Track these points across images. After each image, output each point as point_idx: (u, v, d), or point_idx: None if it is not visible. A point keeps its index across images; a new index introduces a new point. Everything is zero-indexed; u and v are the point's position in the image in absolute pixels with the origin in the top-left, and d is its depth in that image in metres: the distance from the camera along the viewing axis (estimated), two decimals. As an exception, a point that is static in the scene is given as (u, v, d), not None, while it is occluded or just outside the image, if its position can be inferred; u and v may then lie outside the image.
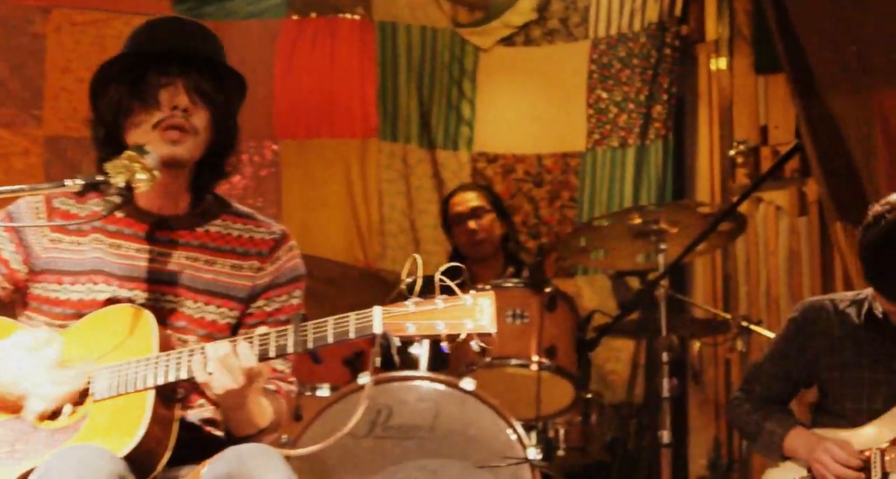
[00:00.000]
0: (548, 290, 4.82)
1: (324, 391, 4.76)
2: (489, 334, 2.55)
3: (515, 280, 5.01)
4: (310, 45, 6.58)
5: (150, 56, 2.84)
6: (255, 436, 2.83)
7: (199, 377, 2.64)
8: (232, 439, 2.83)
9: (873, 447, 3.67)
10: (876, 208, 3.56)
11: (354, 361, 5.17)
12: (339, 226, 6.56)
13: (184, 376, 2.67)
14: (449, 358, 4.93)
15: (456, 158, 6.70)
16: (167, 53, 2.84)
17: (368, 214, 6.60)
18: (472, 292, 2.57)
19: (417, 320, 2.55)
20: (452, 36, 6.74)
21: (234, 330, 2.93)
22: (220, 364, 2.62)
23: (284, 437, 4.20)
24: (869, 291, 3.79)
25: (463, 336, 2.55)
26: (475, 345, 2.55)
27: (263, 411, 2.82)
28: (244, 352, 2.62)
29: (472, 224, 5.62)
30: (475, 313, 2.55)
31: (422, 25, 6.72)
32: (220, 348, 2.64)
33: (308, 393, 4.73)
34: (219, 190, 3.08)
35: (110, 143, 2.86)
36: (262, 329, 2.70)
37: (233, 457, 2.61)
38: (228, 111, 2.93)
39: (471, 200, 5.70)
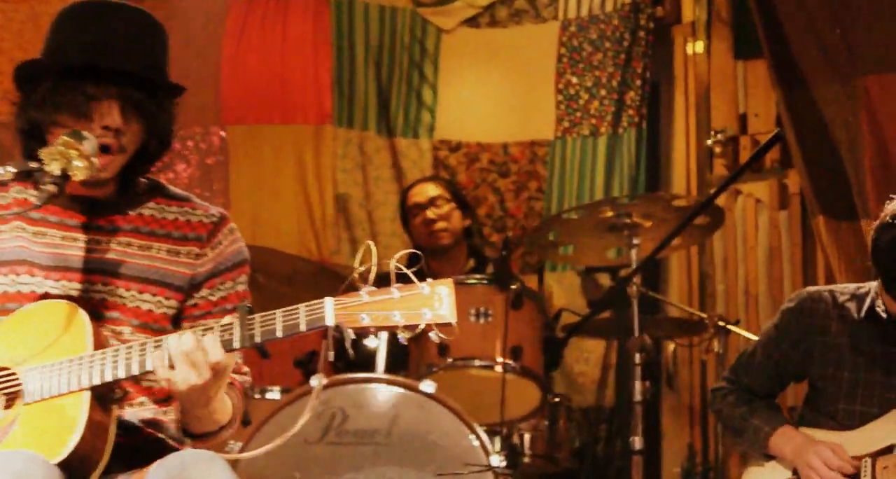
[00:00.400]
0: (513, 287, 4.82)
1: (274, 394, 4.75)
2: (449, 325, 2.54)
3: (479, 276, 5.01)
4: (260, 24, 6.55)
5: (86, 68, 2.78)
6: (216, 433, 2.83)
7: (161, 373, 2.61)
8: (190, 437, 2.82)
9: (864, 454, 3.68)
10: (893, 211, 3.55)
11: (307, 362, 5.16)
12: (291, 218, 6.54)
13: (121, 375, 2.64)
14: (409, 359, 4.93)
15: (416, 146, 6.69)
16: (102, 67, 2.78)
17: (323, 206, 6.58)
18: (429, 279, 2.56)
19: (372, 311, 2.54)
20: (413, 16, 6.73)
21: (174, 321, 2.91)
22: (184, 358, 2.59)
23: (231, 442, 4.18)
24: (871, 285, 3.79)
25: (422, 327, 2.53)
26: (434, 336, 2.53)
27: (225, 406, 2.82)
28: (211, 345, 2.60)
29: (430, 213, 5.62)
30: (433, 302, 2.54)
31: (380, 4, 6.70)
32: (185, 341, 2.61)
33: (258, 396, 4.72)
34: (162, 179, 3.06)
35: (34, 136, 2.83)
36: (209, 321, 2.67)
37: (174, 464, 2.59)
38: (164, 121, 2.88)
39: (430, 190, 5.72)
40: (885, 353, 3.75)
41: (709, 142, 6.34)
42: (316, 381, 2.63)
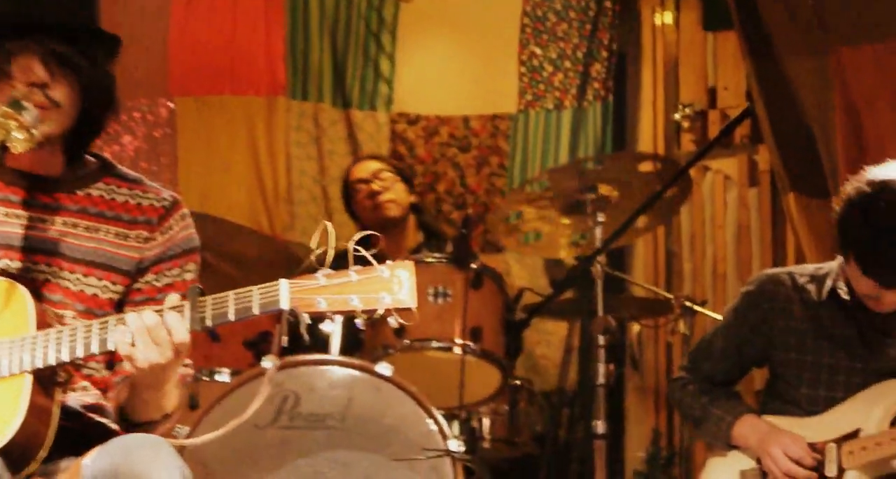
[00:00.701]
0: (473, 266, 4.83)
1: (223, 377, 4.73)
2: (409, 310, 2.54)
3: (438, 255, 4.99)
4: (210, -9, 6.51)
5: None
6: (159, 422, 2.81)
7: (122, 350, 2.60)
8: (129, 424, 2.80)
9: (829, 440, 3.71)
10: (859, 187, 3.56)
11: (258, 342, 5.14)
12: (242, 194, 6.51)
13: (66, 358, 2.62)
14: (364, 340, 4.92)
15: (373, 118, 6.67)
16: (21, 21, 2.76)
17: (275, 181, 6.56)
18: (388, 262, 2.55)
19: (329, 295, 2.53)
20: (370, -18, 6.71)
21: (118, 306, 2.89)
22: (146, 335, 2.59)
23: (178, 427, 4.16)
24: (830, 266, 3.81)
25: (380, 312, 2.53)
26: (393, 321, 2.54)
27: (173, 392, 2.80)
28: (174, 323, 2.59)
29: (374, 185, 5.62)
30: (393, 285, 2.54)
31: (335, -30, 6.68)
32: (146, 317, 2.60)
33: (206, 379, 4.70)
34: (108, 153, 3.04)
35: None
36: (153, 308, 2.66)
37: (118, 449, 2.58)
38: (98, 75, 2.85)
39: (372, 165, 5.73)
40: (848, 336, 3.77)
41: (676, 116, 6.36)
42: (268, 363, 2.63)
